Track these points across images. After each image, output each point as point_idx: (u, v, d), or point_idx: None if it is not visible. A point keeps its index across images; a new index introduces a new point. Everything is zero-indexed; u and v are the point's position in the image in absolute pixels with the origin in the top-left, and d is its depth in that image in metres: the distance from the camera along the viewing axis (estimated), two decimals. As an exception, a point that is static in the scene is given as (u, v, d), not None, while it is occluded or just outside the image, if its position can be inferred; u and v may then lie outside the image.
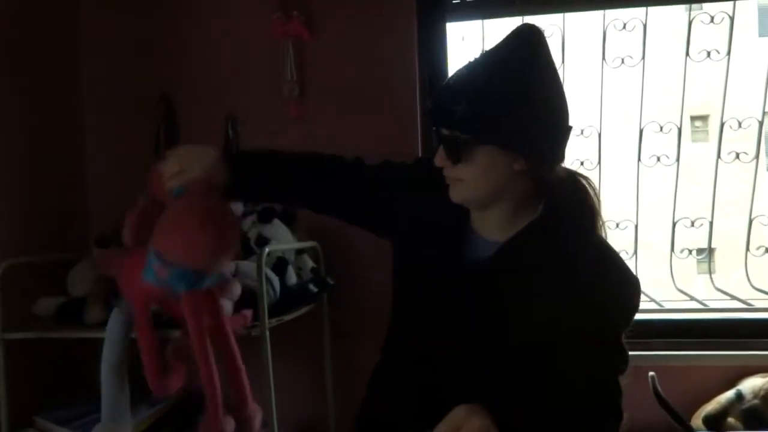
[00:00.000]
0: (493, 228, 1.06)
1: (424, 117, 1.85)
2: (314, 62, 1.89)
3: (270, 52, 1.88)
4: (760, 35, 8.12)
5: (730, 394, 1.64)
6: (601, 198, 1.09)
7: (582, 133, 2.05)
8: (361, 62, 1.87)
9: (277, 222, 1.67)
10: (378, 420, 1.14)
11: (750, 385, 1.65)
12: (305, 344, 1.81)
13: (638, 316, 1.93)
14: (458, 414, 0.93)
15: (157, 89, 1.95)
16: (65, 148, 1.97)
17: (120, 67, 1.99)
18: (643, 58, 1.96)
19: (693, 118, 9.06)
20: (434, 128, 1.05)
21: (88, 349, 1.86)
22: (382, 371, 1.18)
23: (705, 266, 2.17)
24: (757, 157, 1.98)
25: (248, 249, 1.63)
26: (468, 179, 1.01)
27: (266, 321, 1.42)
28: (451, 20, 1.95)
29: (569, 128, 1.02)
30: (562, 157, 1.04)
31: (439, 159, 1.02)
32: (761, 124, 1.95)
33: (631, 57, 1.98)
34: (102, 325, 1.55)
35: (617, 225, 2.07)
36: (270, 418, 1.44)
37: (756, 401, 1.61)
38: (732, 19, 1.91)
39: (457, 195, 1.04)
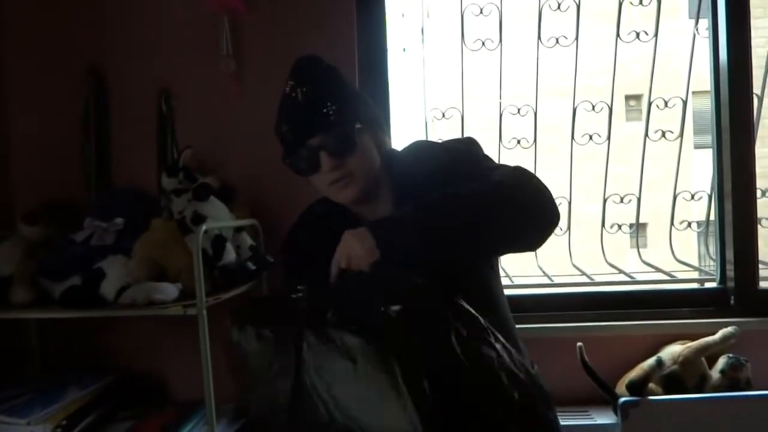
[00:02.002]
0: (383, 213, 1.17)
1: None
2: (251, 36, 1.85)
3: (205, 26, 1.82)
4: (690, 17, 8.43)
5: (651, 360, 1.73)
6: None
7: (519, 112, 2.09)
8: (298, 36, 1.84)
9: (213, 199, 1.64)
10: None
11: (670, 351, 1.75)
12: (244, 322, 1.80)
13: (569, 290, 2.03)
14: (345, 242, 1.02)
15: (85, 59, 1.87)
16: (-14, 121, 1.87)
17: (46, 35, 1.89)
18: (577, 38, 2.01)
19: (628, 98, 9.36)
20: (299, 145, 1.14)
21: (15, 330, 1.80)
22: None
23: (636, 241, 2.26)
24: (681, 135, 2.08)
25: (184, 227, 1.60)
26: (358, 168, 1.14)
27: (203, 299, 1.40)
28: (390, -4, 1.94)
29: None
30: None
31: (329, 164, 1.12)
32: (685, 103, 2.04)
33: (565, 37, 2.02)
34: (29, 305, 1.49)
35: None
36: (207, 399, 1.43)
37: (675, 367, 1.71)
38: (659, 1, 1.98)
39: (351, 192, 1.15)
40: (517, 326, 1.26)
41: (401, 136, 4.26)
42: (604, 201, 2.15)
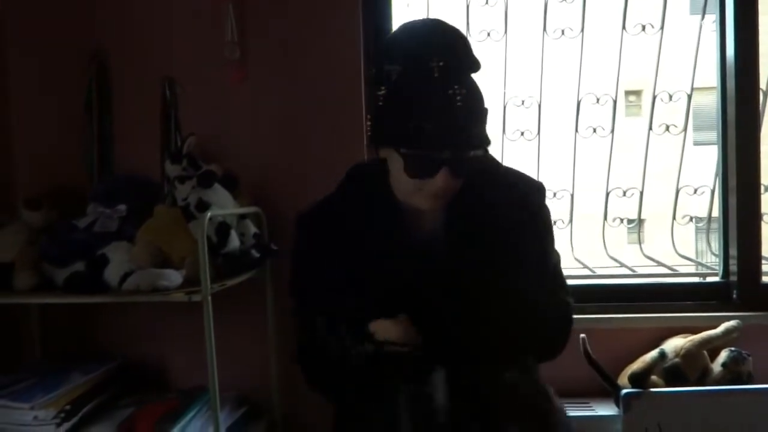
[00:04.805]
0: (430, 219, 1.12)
1: (367, 79, 1.82)
2: (255, 23, 1.83)
3: (209, 12, 1.81)
4: (691, 13, 8.43)
5: (654, 353, 1.73)
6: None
7: (523, 103, 2.09)
8: (303, 24, 1.83)
9: (217, 186, 1.63)
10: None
11: (672, 344, 1.75)
12: (248, 310, 1.80)
13: (572, 282, 2.02)
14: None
15: (88, 46, 1.85)
16: (-12, 106, 1.85)
17: (49, 21, 1.87)
18: (582, 30, 2.00)
19: (627, 93, 9.36)
20: (426, 148, 0.97)
21: (17, 316, 1.80)
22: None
23: (634, 236, 2.26)
24: (685, 129, 2.07)
25: (189, 214, 1.60)
26: (459, 186, 1.03)
27: (208, 286, 1.40)
28: (396, -16, 1.93)
29: None
30: None
31: (444, 182, 0.99)
32: (690, 97, 2.04)
33: (571, 29, 2.01)
34: (32, 291, 1.49)
35: (554, 194, 2.12)
36: (211, 386, 1.43)
37: (677, 360, 1.72)
38: (665, -6, 1.97)
39: (436, 205, 1.05)
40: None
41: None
42: (607, 195, 2.15)
